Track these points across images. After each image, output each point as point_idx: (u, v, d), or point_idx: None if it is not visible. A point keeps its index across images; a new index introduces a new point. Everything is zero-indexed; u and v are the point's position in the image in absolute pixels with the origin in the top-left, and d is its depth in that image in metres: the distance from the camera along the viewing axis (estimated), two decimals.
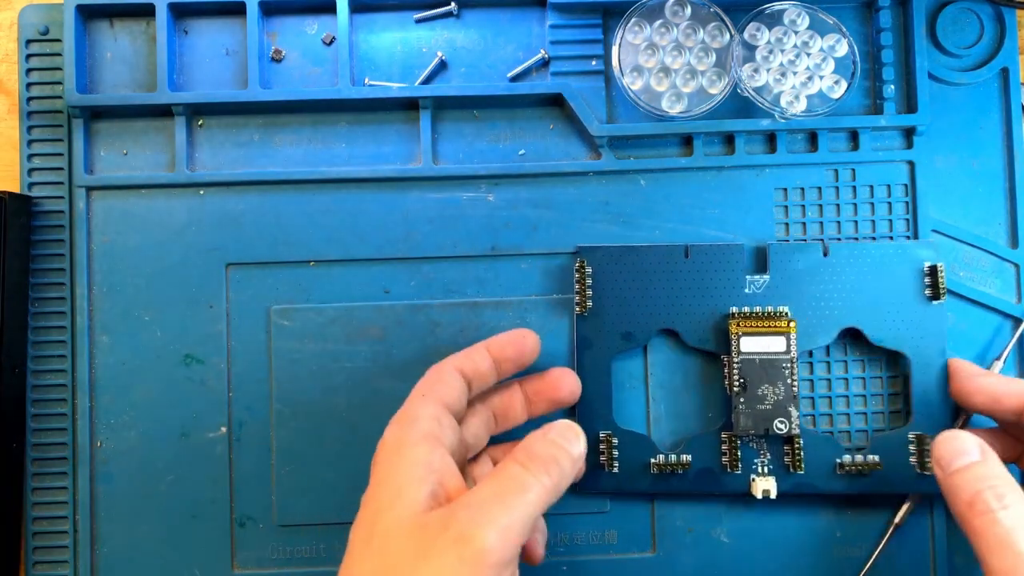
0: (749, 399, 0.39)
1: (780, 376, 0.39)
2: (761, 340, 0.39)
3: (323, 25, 0.43)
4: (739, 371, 0.39)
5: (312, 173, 0.42)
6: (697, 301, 0.40)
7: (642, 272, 0.40)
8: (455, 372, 0.36)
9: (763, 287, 0.40)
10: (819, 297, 0.40)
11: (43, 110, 0.42)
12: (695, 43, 0.42)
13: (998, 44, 0.43)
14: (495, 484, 0.31)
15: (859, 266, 0.40)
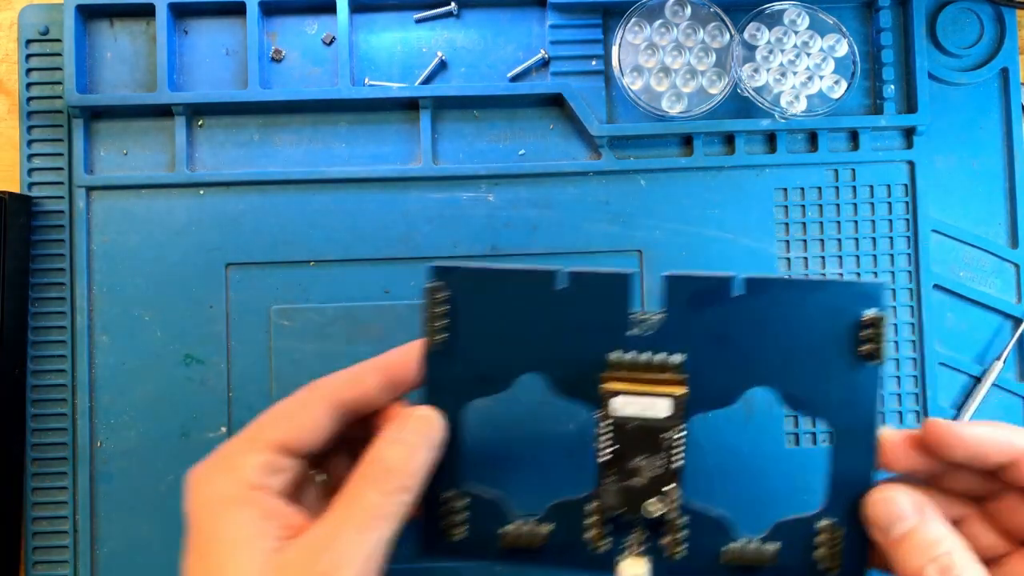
0: (619, 472, 0.31)
1: (659, 447, 0.31)
2: (639, 401, 0.31)
3: (323, 25, 0.43)
4: (609, 437, 0.31)
5: (312, 173, 0.42)
6: (571, 341, 0.32)
7: (508, 301, 0.32)
8: (321, 407, 0.31)
9: (654, 329, 0.31)
10: (724, 347, 0.31)
11: (43, 110, 0.42)
12: (695, 43, 0.42)
13: (998, 44, 0.43)
14: (347, 513, 0.28)
15: (780, 310, 0.31)
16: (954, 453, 0.29)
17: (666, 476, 0.31)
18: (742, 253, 0.42)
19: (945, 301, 0.43)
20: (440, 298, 0.32)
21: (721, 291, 0.31)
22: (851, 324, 0.31)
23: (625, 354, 0.31)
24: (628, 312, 0.32)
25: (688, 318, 0.31)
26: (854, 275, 0.43)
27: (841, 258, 0.42)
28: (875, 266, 0.42)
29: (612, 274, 0.32)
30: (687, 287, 0.31)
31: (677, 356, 0.31)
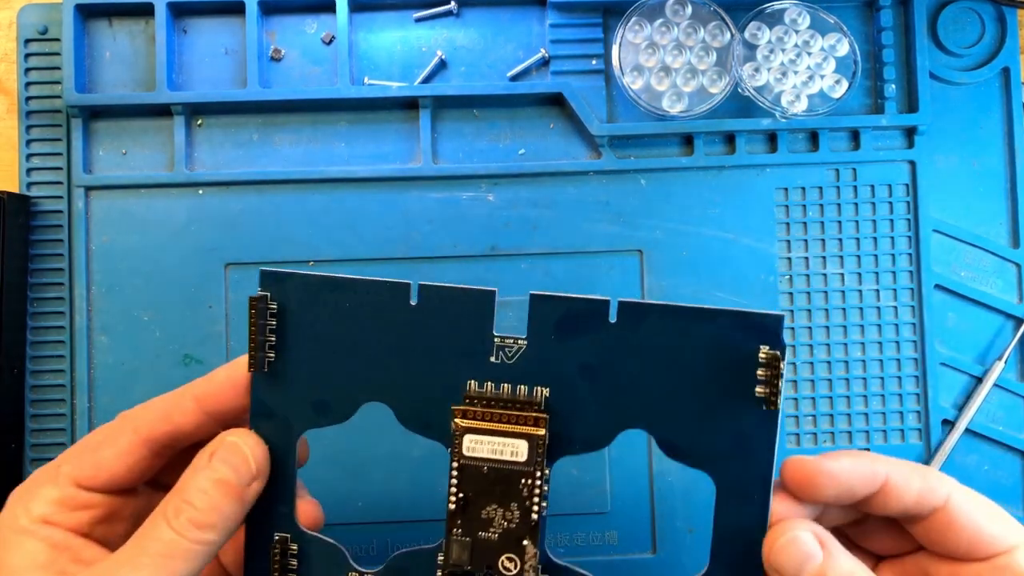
0: (469, 522, 0.27)
1: (515, 495, 0.27)
2: (494, 442, 0.27)
3: (322, 24, 0.43)
4: (458, 481, 0.27)
5: (311, 173, 0.42)
6: (422, 366, 0.28)
7: (351, 316, 0.28)
8: (128, 441, 0.28)
9: (516, 356, 0.27)
10: (595, 381, 0.27)
11: (42, 110, 0.42)
12: (696, 42, 0.42)
13: (999, 44, 0.43)
14: (135, 550, 0.26)
15: (661, 341, 0.27)
16: (824, 492, 0.27)
17: (521, 530, 0.27)
18: (743, 253, 0.42)
19: (946, 301, 0.43)
20: (269, 310, 0.28)
21: (593, 316, 0.27)
22: (743, 362, 0.27)
23: (481, 386, 0.28)
24: (490, 335, 0.27)
25: (555, 346, 0.27)
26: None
27: (842, 258, 0.42)
28: (876, 266, 0.42)
29: (473, 291, 0.28)
30: (554, 310, 0.27)
31: (540, 390, 0.27)
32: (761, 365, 0.26)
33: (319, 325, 0.28)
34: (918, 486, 0.26)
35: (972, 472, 0.42)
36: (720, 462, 0.27)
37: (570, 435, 0.27)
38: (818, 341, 0.42)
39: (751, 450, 0.27)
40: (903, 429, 0.42)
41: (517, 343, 0.27)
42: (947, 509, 0.26)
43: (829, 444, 0.42)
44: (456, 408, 0.27)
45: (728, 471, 0.27)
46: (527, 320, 0.27)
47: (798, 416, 0.42)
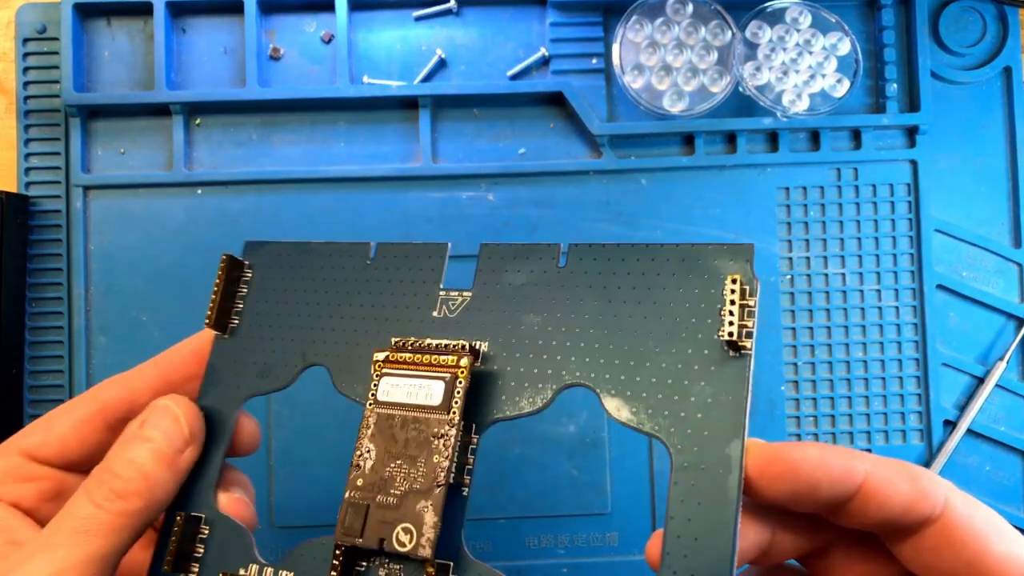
0: (369, 482, 0.23)
1: (425, 447, 0.23)
2: (408, 384, 0.24)
3: (322, 23, 0.43)
4: (368, 431, 0.24)
5: (311, 172, 0.42)
6: (364, 325, 0.26)
7: (311, 281, 0.27)
8: (83, 413, 0.27)
9: (459, 309, 0.26)
10: (541, 334, 0.24)
11: (40, 109, 0.42)
12: (696, 41, 0.42)
13: (1001, 43, 0.43)
14: (55, 527, 0.23)
15: (615, 281, 0.24)
16: (779, 486, 0.21)
17: (424, 492, 0.23)
18: None
19: (948, 301, 0.43)
20: (243, 277, 0.28)
21: (541, 262, 0.25)
22: (707, 301, 0.23)
23: (423, 337, 0.25)
24: (436, 290, 0.26)
25: (501, 298, 0.25)
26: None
27: (843, 258, 0.42)
28: (877, 266, 0.42)
29: (424, 245, 0.27)
30: (502, 258, 0.26)
31: (481, 342, 0.25)
32: (728, 301, 0.22)
33: (280, 291, 0.28)
34: (906, 490, 0.20)
35: (973, 473, 0.42)
36: (676, 425, 0.22)
37: (507, 393, 0.24)
38: (819, 341, 0.42)
39: (715, 407, 0.22)
40: (904, 430, 0.42)
41: (461, 296, 0.26)
42: (944, 521, 0.20)
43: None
44: (378, 350, 0.25)
45: (686, 436, 0.22)
46: (474, 272, 0.26)
47: (799, 416, 0.42)
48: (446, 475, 0.23)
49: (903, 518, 0.21)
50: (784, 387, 0.42)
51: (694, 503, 0.21)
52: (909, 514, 0.21)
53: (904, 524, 0.21)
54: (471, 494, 0.24)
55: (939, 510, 0.20)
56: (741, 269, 0.23)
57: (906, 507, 0.20)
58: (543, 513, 0.41)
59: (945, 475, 0.41)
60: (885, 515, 0.21)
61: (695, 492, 0.21)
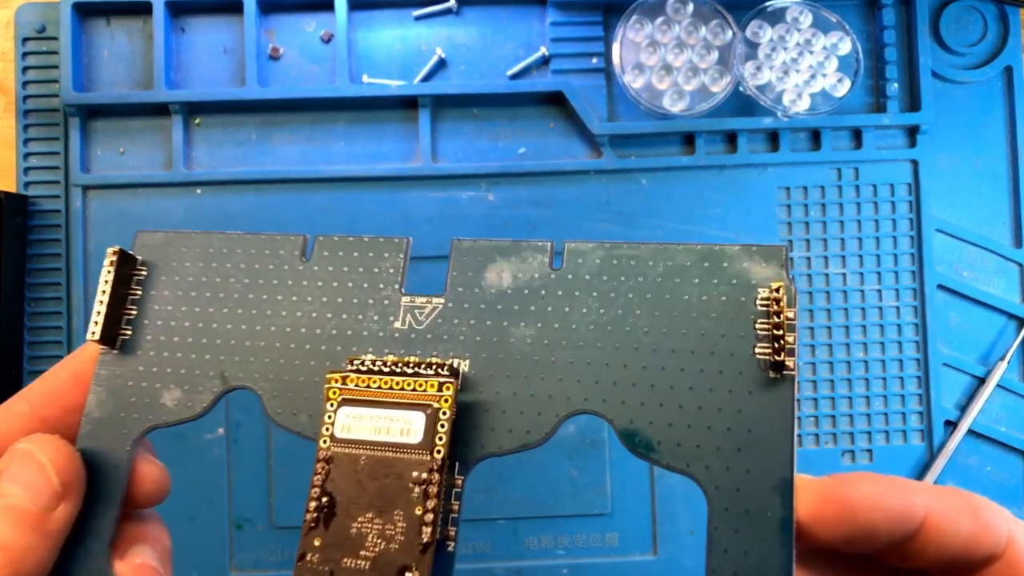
0: (332, 540, 0.19)
1: (402, 499, 0.19)
2: (377, 416, 0.20)
3: (321, 23, 0.43)
4: (324, 477, 0.20)
5: (310, 172, 0.42)
6: (305, 340, 0.22)
7: (231, 284, 0.22)
8: None
9: (429, 320, 0.22)
10: (534, 348, 0.21)
11: (39, 109, 0.42)
12: (697, 40, 0.41)
13: (1002, 42, 0.43)
14: None
15: (624, 289, 0.21)
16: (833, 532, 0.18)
17: (405, 553, 0.19)
18: None
19: (949, 301, 0.42)
20: (136, 277, 0.23)
21: (531, 264, 0.21)
22: (734, 313, 0.19)
23: (370, 355, 0.21)
24: (397, 295, 0.22)
25: (481, 306, 0.21)
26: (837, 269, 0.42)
27: (844, 258, 0.42)
28: (878, 266, 0.42)
29: (378, 241, 0.22)
30: (481, 258, 0.22)
31: (459, 360, 0.21)
32: (761, 313, 0.19)
33: (187, 295, 0.22)
34: (968, 527, 0.18)
35: (974, 473, 0.42)
36: (710, 460, 0.19)
37: (497, 424, 0.20)
38: (820, 341, 0.42)
39: (756, 439, 0.19)
40: (905, 430, 0.42)
41: (431, 303, 0.21)
42: (1009, 558, 0.18)
43: (831, 446, 0.42)
44: (332, 374, 0.20)
45: (723, 473, 0.19)
46: (445, 275, 0.22)
47: (800, 417, 0.42)
48: (432, 531, 0.19)
49: (965, 557, 0.19)
50: None
51: (740, 553, 0.18)
52: (972, 552, 0.19)
53: (966, 563, 0.19)
54: (457, 548, 0.20)
55: (1003, 545, 0.19)
56: (776, 275, 0.20)
57: (968, 545, 0.19)
58: (543, 513, 0.41)
59: (946, 476, 0.41)
60: (946, 555, 0.19)
61: (740, 540, 0.18)
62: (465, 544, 0.41)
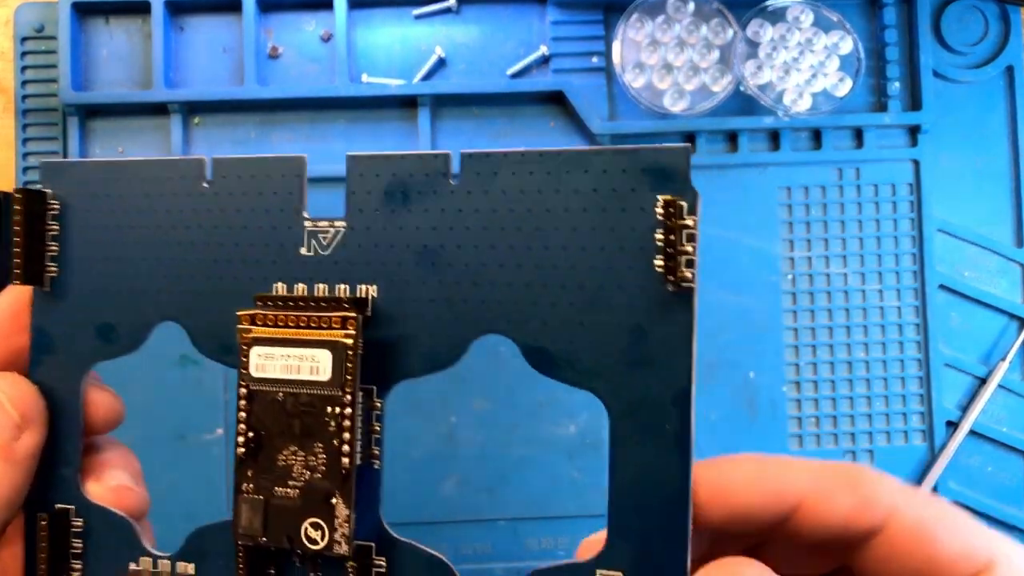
0: (262, 473, 0.20)
1: (321, 432, 0.20)
2: (288, 355, 0.20)
3: (321, 22, 0.43)
4: (247, 415, 0.21)
5: (309, 172, 0.41)
6: (218, 269, 0.22)
7: (140, 213, 0.22)
8: None
9: (333, 245, 0.21)
10: (440, 269, 0.21)
11: (38, 108, 0.42)
12: (697, 40, 0.41)
13: (1003, 42, 0.43)
14: None
15: (525, 200, 0.20)
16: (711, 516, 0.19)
17: (329, 482, 0.20)
18: (745, 252, 0.42)
19: (950, 301, 0.42)
20: (50, 211, 0.22)
21: (430, 178, 0.20)
22: (637, 223, 0.19)
23: (290, 289, 0.21)
24: (300, 220, 0.22)
25: (384, 227, 0.21)
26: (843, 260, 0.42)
27: (845, 258, 0.42)
28: (879, 266, 0.42)
29: (274, 160, 0.22)
30: (379, 176, 0.21)
31: (365, 288, 0.21)
32: (660, 224, 0.18)
33: (103, 228, 0.22)
34: (847, 503, 0.19)
35: (975, 473, 0.42)
36: (611, 374, 0.19)
37: (408, 347, 0.20)
38: (821, 341, 0.42)
39: (656, 353, 0.18)
40: (906, 430, 0.42)
41: (333, 226, 0.21)
42: (890, 530, 0.19)
43: (832, 446, 0.41)
44: (243, 314, 0.20)
45: (623, 388, 0.19)
46: (344, 195, 0.21)
47: (800, 417, 0.42)
48: (351, 459, 0.20)
49: (845, 532, 0.19)
50: (786, 388, 0.42)
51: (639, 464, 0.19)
52: (852, 528, 0.19)
53: (847, 538, 0.19)
54: (384, 466, 0.21)
55: (883, 520, 0.19)
56: (677, 182, 0.18)
57: (848, 521, 0.19)
58: (543, 514, 0.41)
59: (947, 476, 0.41)
60: (826, 531, 0.19)
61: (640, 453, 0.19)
62: (465, 545, 0.41)
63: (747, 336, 0.42)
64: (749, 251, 0.42)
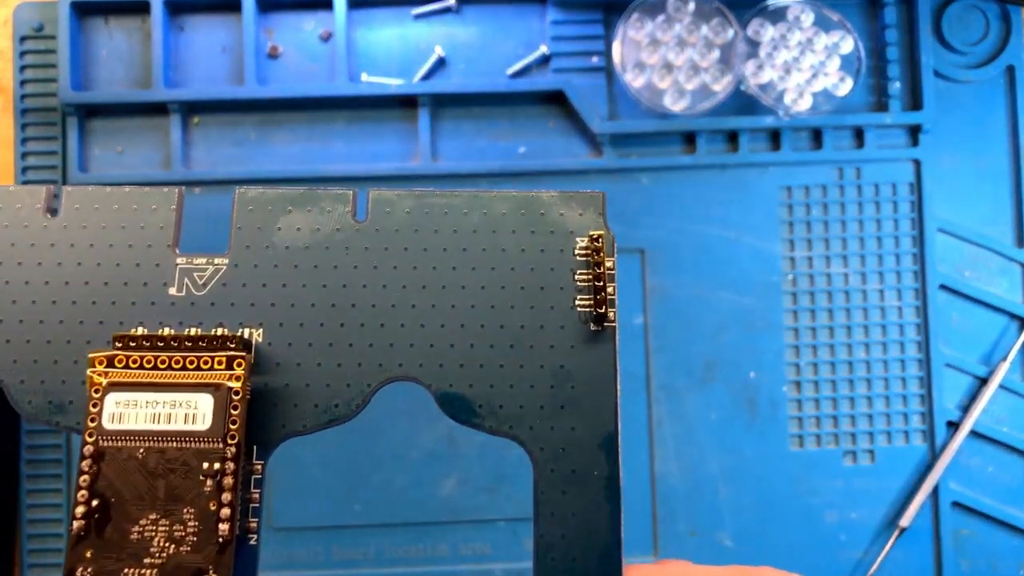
0: (106, 551, 0.17)
1: (192, 491, 0.17)
2: (157, 401, 0.17)
3: (320, 21, 0.43)
4: (91, 475, 0.17)
5: (309, 171, 0.42)
6: (59, 315, 0.19)
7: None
8: None
9: (211, 284, 0.19)
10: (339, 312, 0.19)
11: (37, 108, 0.42)
12: (698, 39, 0.41)
13: (1004, 41, 0.43)
14: None
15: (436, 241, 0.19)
16: None
17: (200, 555, 0.17)
18: (746, 252, 0.42)
19: (951, 301, 0.42)
20: None
21: (331, 215, 0.19)
22: (557, 264, 0.19)
23: (140, 329, 0.18)
24: (171, 256, 0.19)
25: (273, 266, 0.19)
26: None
27: (846, 258, 0.42)
28: (880, 266, 0.42)
29: (141, 193, 0.19)
30: (271, 208, 0.19)
31: (249, 331, 0.19)
32: (580, 264, 0.19)
33: None
34: None
35: (976, 474, 0.42)
36: (533, 420, 0.18)
37: (300, 399, 0.18)
38: (821, 342, 0.42)
39: (580, 395, 0.18)
40: (907, 431, 0.42)
41: (212, 263, 0.19)
42: None
43: (832, 446, 0.41)
44: (95, 355, 0.17)
45: (547, 434, 0.18)
46: (228, 230, 0.19)
47: (801, 417, 0.42)
48: (230, 528, 0.17)
49: None
50: (786, 388, 0.42)
51: (567, 515, 0.17)
52: None
53: None
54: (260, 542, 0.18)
55: None
56: (594, 223, 0.20)
57: None
58: None
59: (948, 477, 0.41)
60: None
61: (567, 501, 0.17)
62: (465, 545, 0.41)
63: (747, 336, 0.41)
64: (749, 251, 0.42)
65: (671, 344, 0.42)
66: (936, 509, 0.41)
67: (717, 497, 0.41)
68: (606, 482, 0.18)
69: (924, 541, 0.41)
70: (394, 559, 0.41)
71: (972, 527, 0.41)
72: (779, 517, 0.41)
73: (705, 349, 0.41)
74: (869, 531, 0.41)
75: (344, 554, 0.41)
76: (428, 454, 0.41)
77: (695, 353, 0.41)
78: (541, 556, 0.17)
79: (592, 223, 0.20)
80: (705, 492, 0.41)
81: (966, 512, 0.41)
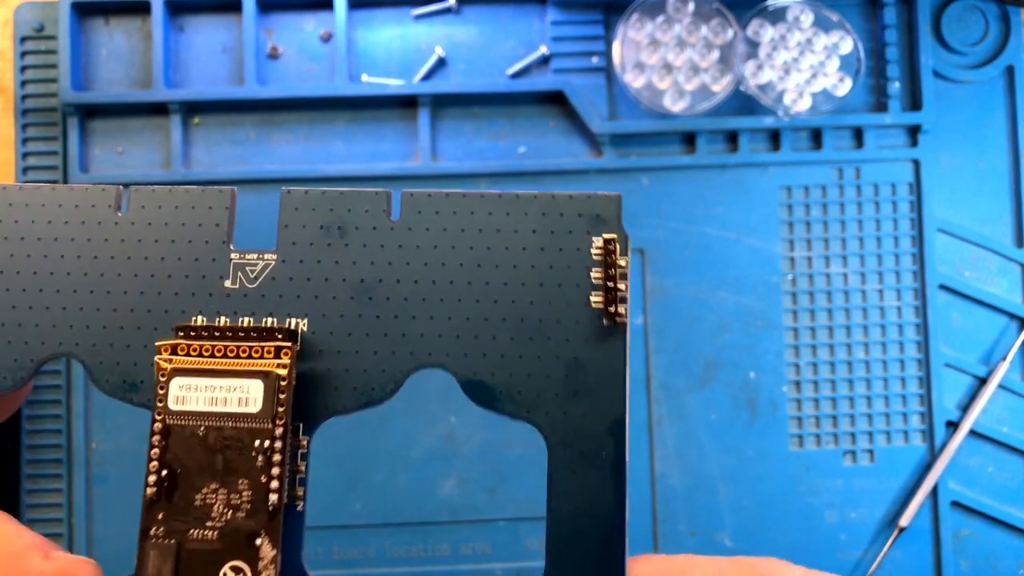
0: (176, 514, 0.19)
1: (247, 468, 0.19)
2: (214, 386, 0.19)
3: (320, 21, 0.43)
4: (161, 451, 0.19)
5: (309, 171, 0.42)
6: (129, 302, 0.21)
7: (40, 240, 0.21)
8: None
9: (260, 278, 0.21)
10: (376, 304, 0.21)
11: (38, 108, 0.42)
12: (698, 39, 0.41)
13: (1003, 41, 0.43)
14: None
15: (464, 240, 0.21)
16: None
17: (254, 521, 0.19)
18: (745, 252, 0.42)
19: (950, 301, 0.42)
20: None
21: (368, 214, 0.21)
22: (574, 262, 0.20)
23: (200, 318, 0.20)
24: (226, 252, 0.21)
25: (317, 261, 0.21)
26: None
27: (845, 258, 0.42)
28: (879, 266, 0.42)
29: (199, 192, 0.21)
30: (314, 210, 0.21)
31: (295, 321, 0.20)
32: (595, 263, 0.20)
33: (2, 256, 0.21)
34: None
35: (976, 474, 0.42)
36: (548, 407, 0.20)
37: (340, 382, 0.20)
38: (821, 342, 0.42)
39: (592, 385, 0.20)
40: (907, 431, 0.42)
41: (263, 259, 0.21)
42: None
43: (832, 446, 0.41)
44: (161, 343, 0.19)
45: (560, 419, 0.20)
46: (275, 229, 0.21)
47: (801, 417, 0.42)
48: (279, 496, 0.19)
49: None
50: (786, 388, 0.42)
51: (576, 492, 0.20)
52: None
53: None
54: (307, 507, 0.20)
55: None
56: (610, 224, 0.20)
57: None
58: (543, 515, 0.41)
59: (948, 477, 0.41)
60: None
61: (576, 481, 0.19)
62: (465, 545, 0.41)
63: (747, 336, 0.42)
64: (749, 251, 0.42)
65: (671, 344, 0.42)
66: (936, 509, 0.41)
67: (717, 497, 0.41)
68: (613, 463, 0.19)
69: (924, 541, 0.41)
70: (394, 559, 0.41)
71: (972, 527, 0.41)
72: (779, 517, 0.41)
73: (705, 349, 0.42)
74: (869, 531, 0.41)
75: (344, 554, 0.41)
76: (428, 454, 0.41)
77: (695, 353, 0.41)
78: (552, 532, 0.20)
79: (609, 223, 0.20)
80: (705, 492, 0.41)
81: (966, 512, 0.41)
